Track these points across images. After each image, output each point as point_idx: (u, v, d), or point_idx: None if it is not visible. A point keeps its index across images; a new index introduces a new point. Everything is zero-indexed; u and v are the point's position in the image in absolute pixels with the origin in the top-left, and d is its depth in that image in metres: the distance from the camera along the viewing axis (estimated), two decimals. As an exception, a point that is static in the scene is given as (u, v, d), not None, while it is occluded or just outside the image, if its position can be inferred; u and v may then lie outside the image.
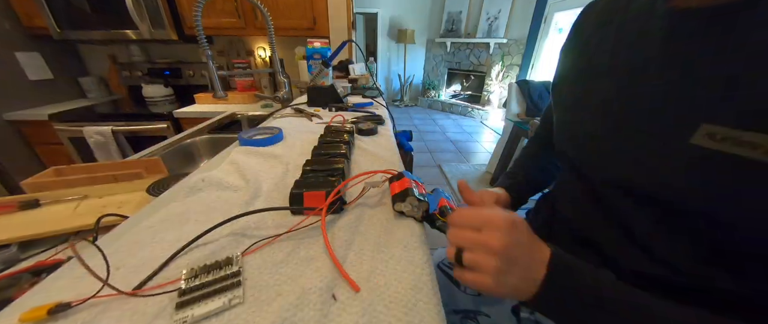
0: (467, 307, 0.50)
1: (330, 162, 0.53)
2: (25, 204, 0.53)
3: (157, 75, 1.81)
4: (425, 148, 3.15)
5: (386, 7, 4.60)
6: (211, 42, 1.83)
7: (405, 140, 0.92)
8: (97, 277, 0.27)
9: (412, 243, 0.37)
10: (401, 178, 0.43)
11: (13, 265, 0.42)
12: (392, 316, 0.27)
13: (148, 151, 0.88)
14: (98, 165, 0.68)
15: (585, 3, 0.44)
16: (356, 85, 1.46)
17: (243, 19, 1.54)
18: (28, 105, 1.54)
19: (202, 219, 0.40)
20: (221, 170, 0.55)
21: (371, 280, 0.31)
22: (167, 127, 1.47)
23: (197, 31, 0.79)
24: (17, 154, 1.53)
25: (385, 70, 5.18)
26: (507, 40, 3.89)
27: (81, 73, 1.83)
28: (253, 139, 0.69)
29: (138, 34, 1.47)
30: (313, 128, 0.82)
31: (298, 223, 0.38)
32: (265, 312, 0.27)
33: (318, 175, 0.48)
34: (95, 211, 0.53)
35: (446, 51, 4.69)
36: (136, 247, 0.34)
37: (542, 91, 2.10)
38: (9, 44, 1.46)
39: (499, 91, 4.08)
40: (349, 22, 1.73)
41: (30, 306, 0.26)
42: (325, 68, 1.09)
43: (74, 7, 1.41)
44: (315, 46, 1.22)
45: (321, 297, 0.28)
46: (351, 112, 1.03)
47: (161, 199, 0.47)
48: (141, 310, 0.27)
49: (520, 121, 2.00)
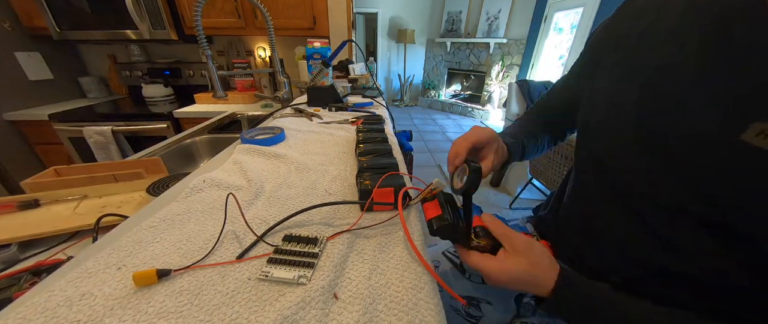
0: (470, 294, 0.51)
1: (379, 158, 0.54)
2: (25, 204, 0.53)
3: (157, 75, 1.81)
4: (425, 148, 3.15)
5: (386, 7, 4.60)
6: (210, 42, 1.83)
7: (405, 140, 0.91)
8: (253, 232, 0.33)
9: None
10: (433, 200, 0.39)
11: (13, 265, 0.42)
12: (393, 315, 0.27)
13: (148, 151, 0.88)
14: (98, 165, 0.68)
15: (585, 3, 0.43)
16: (356, 85, 1.46)
17: (243, 19, 1.54)
18: (28, 105, 1.54)
19: (203, 219, 0.40)
20: (223, 170, 0.55)
21: (372, 280, 0.31)
22: (167, 127, 1.47)
23: (197, 31, 0.79)
24: (17, 154, 1.52)
25: (385, 70, 5.18)
26: (507, 40, 3.89)
27: (81, 73, 1.83)
28: (256, 138, 0.69)
29: (138, 34, 1.47)
30: (315, 128, 0.82)
31: (382, 219, 0.40)
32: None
33: (373, 172, 0.49)
34: (95, 211, 0.53)
35: (446, 51, 4.69)
36: (137, 246, 0.34)
37: (542, 91, 2.10)
38: (9, 44, 1.46)
39: (499, 91, 4.08)
40: (349, 22, 1.73)
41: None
42: (325, 68, 1.09)
43: (74, 7, 1.41)
44: (315, 46, 1.21)
45: (323, 296, 0.28)
46: (351, 112, 1.03)
47: (161, 199, 0.47)
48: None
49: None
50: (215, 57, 1.87)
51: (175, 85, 1.85)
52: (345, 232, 0.38)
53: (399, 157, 0.64)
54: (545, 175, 1.59)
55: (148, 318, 0.26)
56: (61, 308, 0.26)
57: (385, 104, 1.15)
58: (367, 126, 0.74)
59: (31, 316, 0.25)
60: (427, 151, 3.06)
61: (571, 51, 3.03)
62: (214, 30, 1.58)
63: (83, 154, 1.49)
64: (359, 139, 0.65)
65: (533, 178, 1.77)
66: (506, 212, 1.99)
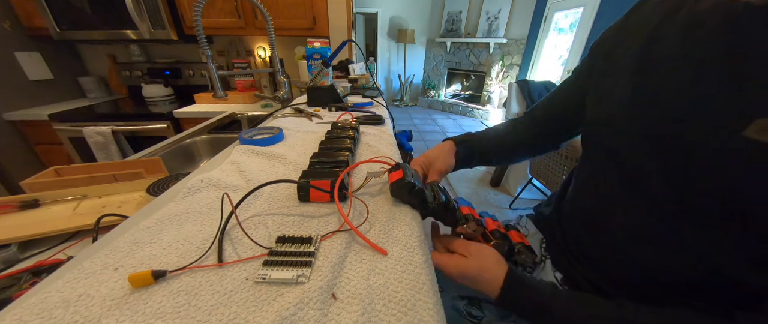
0: (472, 294, 0.51)
1: (335, 155, 0.56)
2: (25, 204, 0.53)
3: (157, 75, 1.81)
4: (425, 147, 3.15)
5: (386, 7, 4.60)
6: (210, 42, 1.83)
7: (405, 140, 0.91)
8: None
9: (411, 243, 0.36)
10: (398, 169, 0.45)
11: (13, 265, 0.42)
12: (391, 315, 0.27)
13: (148, 151, 0.88)
14: (98, 165, 0.68)
15: (585, 3, 0.44)
16: (356, 85, 1.46)
17: (243, 18, 1.54)
18: (28, 105, 1.54)
19: (201, 219, 0.40)
20: (221, 170, 0.54)
21: (370, 280, 0.31)
22: (167, 127, 1.47)
23: (197, 30, 0.79)
24: (17, 154, 1.53)
25: (385, 70, 5.18)
26: (507, 40, 3.89)
27: (81, 73, 1.83)
28: (254, 138, 0.69)
29: (138, 34, 1.47)
30: (314, 128, 0.82)
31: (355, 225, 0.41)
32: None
33: (324, 166, 0.52)
34: (95, 211, 0.53)
35: (446, 51, 4.69)
36: (135, 247, 0.34)
37: (542, 91, 2.10)
38: (9, 44, 1.46)
39: (499, 90, 4.08)
40: (349, 22, 1.73)
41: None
42: (325, 68, 1.09)
43: (74, 7, 1.41)
44: (315, 46, 1.21)
45: (321, 296, 0.28)
46: (351, 112, 1.02)
47: (161, 199, 0.47)
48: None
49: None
50: (215, 57, 1.87)
51: (175, 85, 1.85)
52: (338, 231, 0.38)
53: (396, 158, 0.64)
54: (545, 175, 1.59)
55: (146, 319, 0.26)
56: (58, 309, 0.26)
57: (385, 104, 1.15)
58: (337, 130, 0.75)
59: (28, 317, 0.25)
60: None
61: (571, 51, 3.03)
62: (214, 30, 1.59)
63: (83, 154, 1.49)
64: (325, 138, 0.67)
65: (533, 178, 1.77)
66: (506, 212, 1.99)
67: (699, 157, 0.29)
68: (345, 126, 0.74)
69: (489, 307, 0.50)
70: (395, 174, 0.45)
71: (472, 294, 0.51)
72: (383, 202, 0.45)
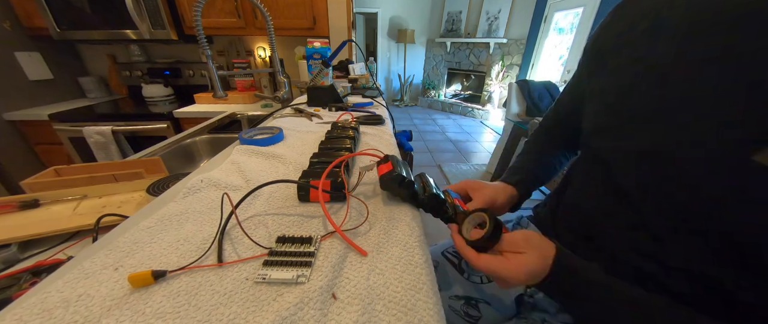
0: (469, 294, 0.51)
1: (336, 155, 0.55)
2: (25, 204, 0.53)
3: (157, 75, 1.81)
4: (425, 147, 3.15)
5: (386, 7, 4.60)
6: (210, 42, 1.83)
7: (405, 140, 0.91)
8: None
9: (411, 243, 0.36)
10: (387, 161, 0.45)
11: (13, 264, 0.42)
12: (391, 315, 0.27)
13: (148, 151, 0.88)
14: (98, 165, 0.68)
15: (585, 3, 0.43)
16: (356, 85, 1.46)
17: (243, 18, 1.54)
18: (28, 105, 1.54)
19: (201, 219, 0.40)
20: (221, 170, 0.54)
21: (370, 280, 0.31)
22: (167, 127, 1.47)
23: (197, 30, 0.79)
24: (17, 154, 1.53)
25: (385, 70, 5.18)
26: (507, 40, 3.89)
27: (81, 73, 1.83)
28: (254, 138, 0.69)
29: (138, 34, 1.47)
30: (314, 128, 0.82)
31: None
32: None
33: (324, 166, 0.51)
34: (95, 211, 0.53)
35: (446, 51, 4.69)
36: (135, 247, 0.34)
37: (542, 91, 2.10)
38: (9, 44, 1.46)
39: (499, 90, 4.08)
40: (349, 22, 1.73)
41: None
42: (325, 68, 1.09)
43: (74, 7, 1.41)
44: (315, 46, 1.21)
45: (321, 296, 0.28)
46: (351, 112, 1.02)
47: (161, 199, 0.47)
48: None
49: (520, 121, 2.00)
50: (215, 57, 1.87)
51: (175, 85, 1.85)
52: (337, 232, 0.38)
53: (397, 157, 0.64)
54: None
55: (146, 318, 0.26)
56: (58, 309, 0.26)
57: (385, 104, 1.15)
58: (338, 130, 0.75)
59: (28, 317, 0.25)
60: (428, 151, 3.06)
61: (571, 51, 3.03)
62: (214, 30, 1.59)
63: (83, 154, 1.49)
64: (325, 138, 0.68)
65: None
66: (506, 212, 1.99)
67: (695, 183, 0.28)
68: (345, 126, 0.74)
69: (486, 307, 0.49)
70: (384, 166, 0.44)
71: (468, 294, 0.51)
72: (383, 201, 0.45)
